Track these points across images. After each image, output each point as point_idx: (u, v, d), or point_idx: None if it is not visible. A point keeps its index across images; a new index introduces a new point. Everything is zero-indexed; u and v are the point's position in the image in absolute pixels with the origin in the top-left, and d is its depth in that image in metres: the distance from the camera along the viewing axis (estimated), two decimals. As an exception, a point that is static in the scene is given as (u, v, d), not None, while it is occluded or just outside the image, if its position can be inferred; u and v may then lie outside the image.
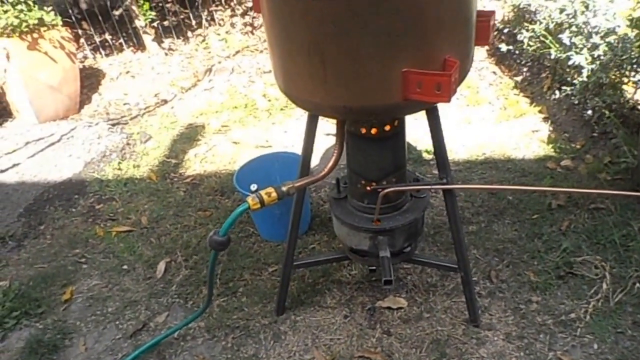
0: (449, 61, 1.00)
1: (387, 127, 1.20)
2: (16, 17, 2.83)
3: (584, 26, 2.13)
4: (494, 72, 3.04)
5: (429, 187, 1.30)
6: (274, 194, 1.16)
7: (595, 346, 1.41)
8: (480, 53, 3.26)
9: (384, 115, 1.12)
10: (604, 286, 1.55)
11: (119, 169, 2.56)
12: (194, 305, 1.71)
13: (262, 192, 1.16)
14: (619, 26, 1.95)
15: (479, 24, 1.13)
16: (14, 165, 2.62)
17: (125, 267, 1.91)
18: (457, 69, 0.98)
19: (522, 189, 1.89)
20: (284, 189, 1.18)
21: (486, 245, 1.79)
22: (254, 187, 1.84)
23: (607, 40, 1.99)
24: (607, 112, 2.05)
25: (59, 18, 3.11)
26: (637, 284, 1.54)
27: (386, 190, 1.23)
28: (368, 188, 1.29)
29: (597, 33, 2.03)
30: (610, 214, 1.82)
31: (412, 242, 1.42)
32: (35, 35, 2.94)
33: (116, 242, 2.04)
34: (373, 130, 1.20)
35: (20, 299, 1.77)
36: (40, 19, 2.95)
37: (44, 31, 2.99)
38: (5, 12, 2.82)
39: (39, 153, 2.72)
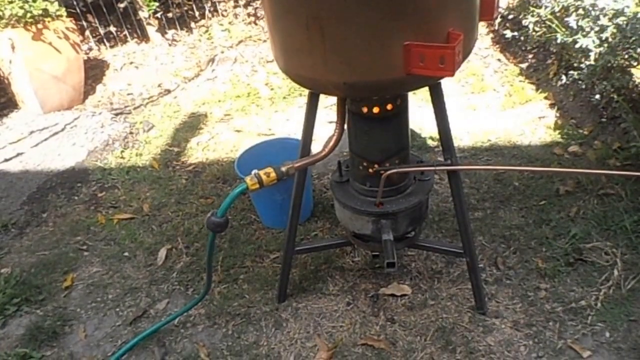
0: (452, 34, 0.96)
1: (390, 106, 1.16)
2: (21, 7, 2.83)
3: (590, 8, 2.07)
4: (499, 60, 2.99)
5: (432, 168, 1.26)
6: (272, 174, 1.13)
7: (607, 334, 1.36)
8: (484, 41, 3.21)
9: (386, 91, 1.08)
10: (615, 273, 1.51)
11: (122, 157, 2.55)
12: (194, 292, 1.69)
13: (261, 172, 1.13)
14: (627, 6, 1.88)
15: (483, -3, 1.09)
16: (18, 155, 2.63)
17: (126, 254, 1.90)
18: (461, 42, 0.94)
19: (529, 170, 1.85)
20: (283, 169, 1.15)
21: (492, 231, 1.75)
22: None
23: (615, 21, 1.92)
24: (615, 96, 1.99)
25: (64, 9, 3.10)
26: (650, 271, 1.50)
27: (389, 172, 1.20)
28: (370, 170, 1.25)
29: (604, 15, 1.96)
30: (621, 199, 1.77)
31: (416, 226, 1.38)
32: (39, 25, 2.94)
33: (118, 230, 2.03)
34: (375, 110, 1.16)
35: (21, 286, 1.76)
36: (45, 10, 2.94)
37: (49, 22, 2.98)
38: (10, 2, 2.82)
39: (42, 142, 2.72)
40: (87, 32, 3.87)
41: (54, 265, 1.87)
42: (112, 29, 4.00)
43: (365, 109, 1.17)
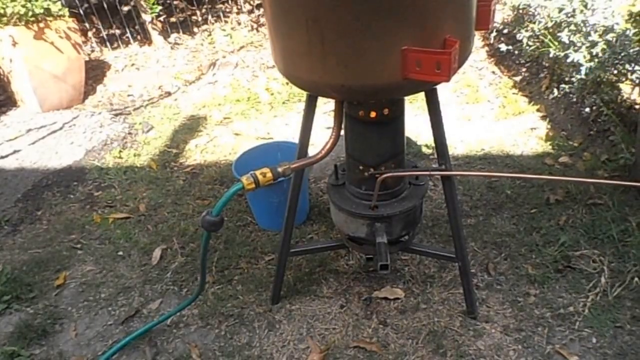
0: (449, 40, 0.99)
1: (386, 111, 1.19)
2: (23, 5, 2.85)
3: (582, 24, 2.14)
4: (494, 72, 3.05)
5: (427, 172, 1.28)
6: (269, 174, 1.15)
7: (594, 340, 1.39)
8: (480, 53, 3.27)
9: (383, 95, 1.11)
10: (603, 280, 1.53)
11: (120, 157, 2.56)
12: (188, 292, 1.69)
13: (257, 172, 1.15)
14: (617, 23, 1.95)
15: (480, 8, 1.13)
16: (15, 152, 2.63)
17: (120, 253, 1.90)
18: (457, 49, 0.97)
19: (520, 177, 1.88)
20: (280, 169, 1.17)
21: (484, 238, 1.77)
22: (252, 175, 1.83)
23: (605, 38, 1.98)
24: (605, 109, 2.04)
25: (66, 9, 3.13)
26: (636, 279, 1.53)
27: (384, 176, 1.22)
28: (366, 174, 1.27)
29: (595, 31, 2.03)
30: (608, 209, 1.80)
31: (409, 230, 1.40)
32: (41, 24, 2.96)
33: (113, 229, 2.03)
34: (372, 114, 1.19)
35: (12, 284, 1.75)
36: (47, 9, 2.97)
37: (50, 21, 3.01)
38: (13, 0, 2.84)
39: (40, 140, 2.73)
40: (90, 34, 3.90)
41: (46, 263, 1.86)
42: (115, 31, 4.03)
43: (362, 113, 1.19)
